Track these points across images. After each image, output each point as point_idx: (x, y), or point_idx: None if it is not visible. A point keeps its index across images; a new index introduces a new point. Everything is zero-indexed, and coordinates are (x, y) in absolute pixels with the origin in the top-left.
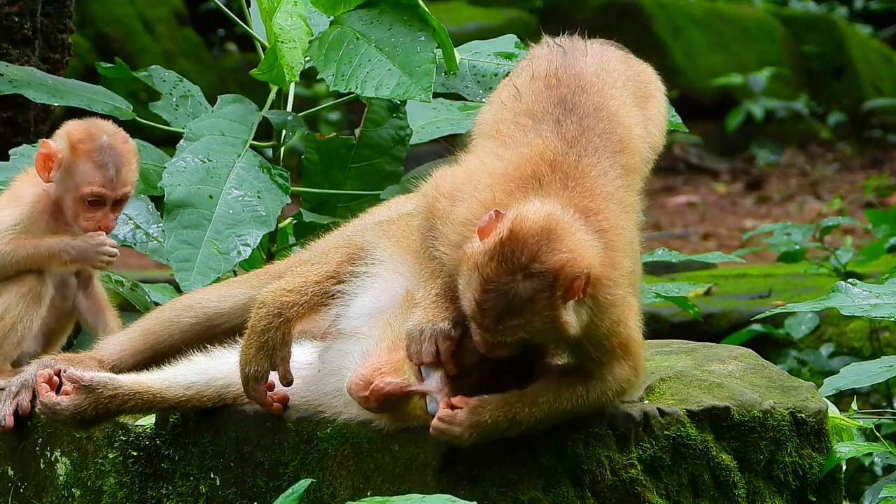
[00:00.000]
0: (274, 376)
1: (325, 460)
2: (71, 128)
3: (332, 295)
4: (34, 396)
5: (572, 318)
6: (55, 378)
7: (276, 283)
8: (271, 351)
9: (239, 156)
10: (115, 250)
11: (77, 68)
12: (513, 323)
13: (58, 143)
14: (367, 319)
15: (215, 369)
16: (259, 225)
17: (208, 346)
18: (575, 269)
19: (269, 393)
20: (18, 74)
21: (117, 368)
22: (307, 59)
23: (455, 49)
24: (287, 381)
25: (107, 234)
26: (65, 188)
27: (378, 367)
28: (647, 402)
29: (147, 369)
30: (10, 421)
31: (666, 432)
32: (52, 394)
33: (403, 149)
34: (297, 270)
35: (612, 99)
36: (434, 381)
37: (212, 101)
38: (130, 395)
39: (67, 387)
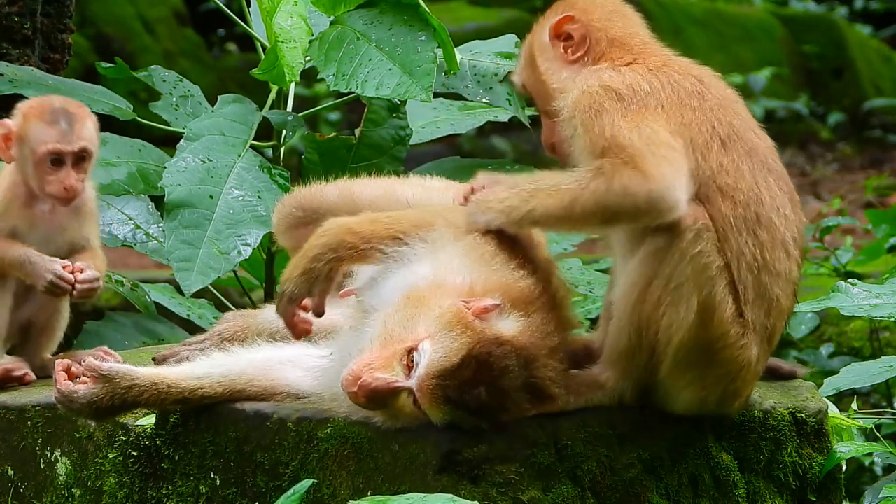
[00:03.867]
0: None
1: (325, 460)
2: (24, 102)
3: (386, 254)
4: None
5: (546, 65)
6: (73, 368)
7: (349, 218)
8: (314, 280)
9: (239, 156)
10: (66, 286)
11: (77, 68)
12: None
13: (13, 119)
14: (380, 297)
15: (233, 364)
16: (259, 225)
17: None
18: (567, 8)
19: (299, 315)
20: (18, 74)
21: None
22: (307, 59)
23: (455, 49)
24: (319, 313)
25: (74, 196)
26: (24, 159)
27: (368, 363)
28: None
29: None
30: None
31: (667, 432)
32: (69, 382)
33: (403, 149)
34: (373, 217)
35: None
36: (411, 381)
37: (212, 101)
38: (147, 387)
39: (85, 377)
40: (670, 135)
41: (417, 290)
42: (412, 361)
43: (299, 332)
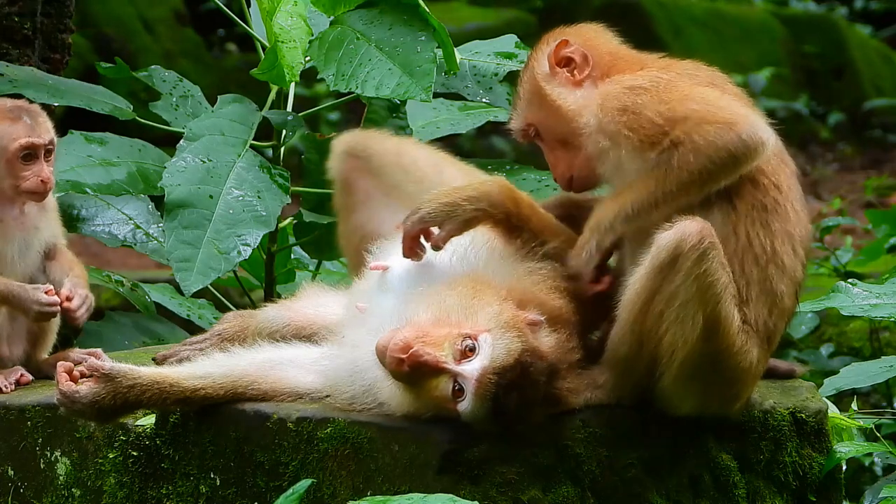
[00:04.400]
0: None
1: (325, 460)
2: None
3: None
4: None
5: (556, 91)
6: (76, 371)
7: (518, 191)
8: (453, 216)
9: (239, 156)
10: (55, 309)
11: (77, 68)
12: (514, 102)
13: None
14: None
15: (234, 364)
16: (259, 225)
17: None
18: (559, 35)
19: (419, 242)
20: (18, 74)
21: None
22: (307, 59)
23: (455, 49)
24: (437, 247)
25: (51, 188)
26: None
27: (420, 335)
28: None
29: None
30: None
31: (667, 432)
32: (71, 383)
33: None
34: (535, 205)
35: None
36: (472, 368)
37: (212, 101)
38: (149, 386)
39: (86, 376)
40: (719, 95)
41: (469, 279)
42: (468, 349)
43: (409, 253)
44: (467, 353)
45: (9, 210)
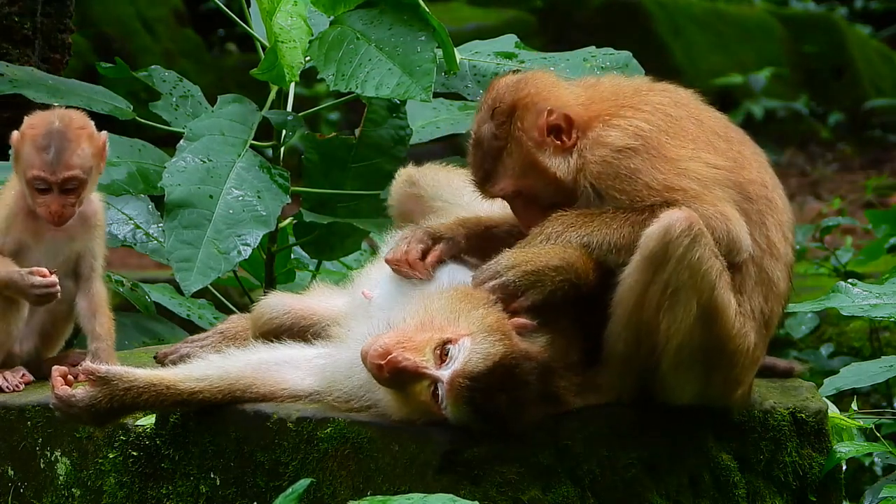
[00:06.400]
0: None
1: (325, 460)
2: (31, 115)
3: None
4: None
5: (552, 161)
6: (69, 376)
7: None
8: (538, 287)
9: (239, 156)
10: (52, 290)
11: (77, 68)
12: (488, 167)
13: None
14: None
15: (230, 365)
16: (259, 225)
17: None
18: (538, 102)
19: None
20: (18, 74)
21: None
22: (307, 58)
23: (455, 49)
24: (518, 313)
25: (62, 220)
26: (18, 175)
27: (401, 341)
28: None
29: None
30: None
31: (666, 432)
32: (67, 387)
33: (403, 149)
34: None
35: None
36: (445, 373)
37: (212, 101)
38: (145, 388)
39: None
40: (705, 165)
41: (464, 285)
42: (446, 353)
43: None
44: (445, 357)
45: None
